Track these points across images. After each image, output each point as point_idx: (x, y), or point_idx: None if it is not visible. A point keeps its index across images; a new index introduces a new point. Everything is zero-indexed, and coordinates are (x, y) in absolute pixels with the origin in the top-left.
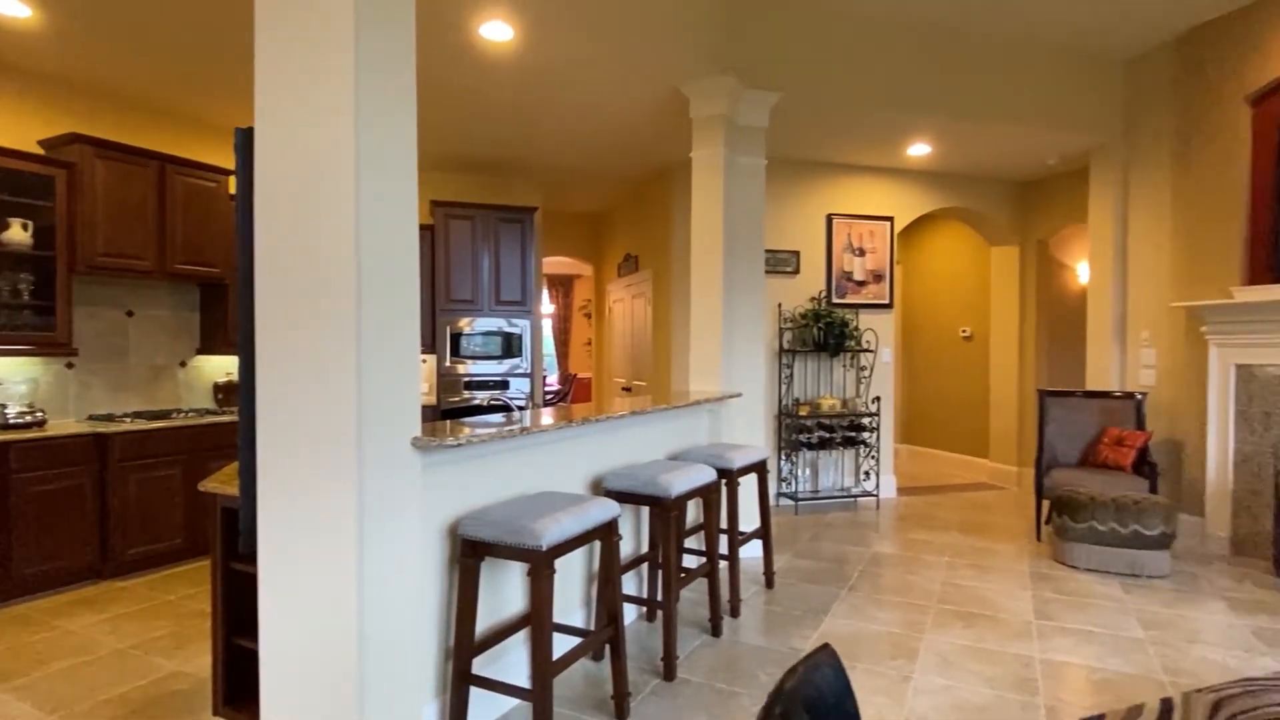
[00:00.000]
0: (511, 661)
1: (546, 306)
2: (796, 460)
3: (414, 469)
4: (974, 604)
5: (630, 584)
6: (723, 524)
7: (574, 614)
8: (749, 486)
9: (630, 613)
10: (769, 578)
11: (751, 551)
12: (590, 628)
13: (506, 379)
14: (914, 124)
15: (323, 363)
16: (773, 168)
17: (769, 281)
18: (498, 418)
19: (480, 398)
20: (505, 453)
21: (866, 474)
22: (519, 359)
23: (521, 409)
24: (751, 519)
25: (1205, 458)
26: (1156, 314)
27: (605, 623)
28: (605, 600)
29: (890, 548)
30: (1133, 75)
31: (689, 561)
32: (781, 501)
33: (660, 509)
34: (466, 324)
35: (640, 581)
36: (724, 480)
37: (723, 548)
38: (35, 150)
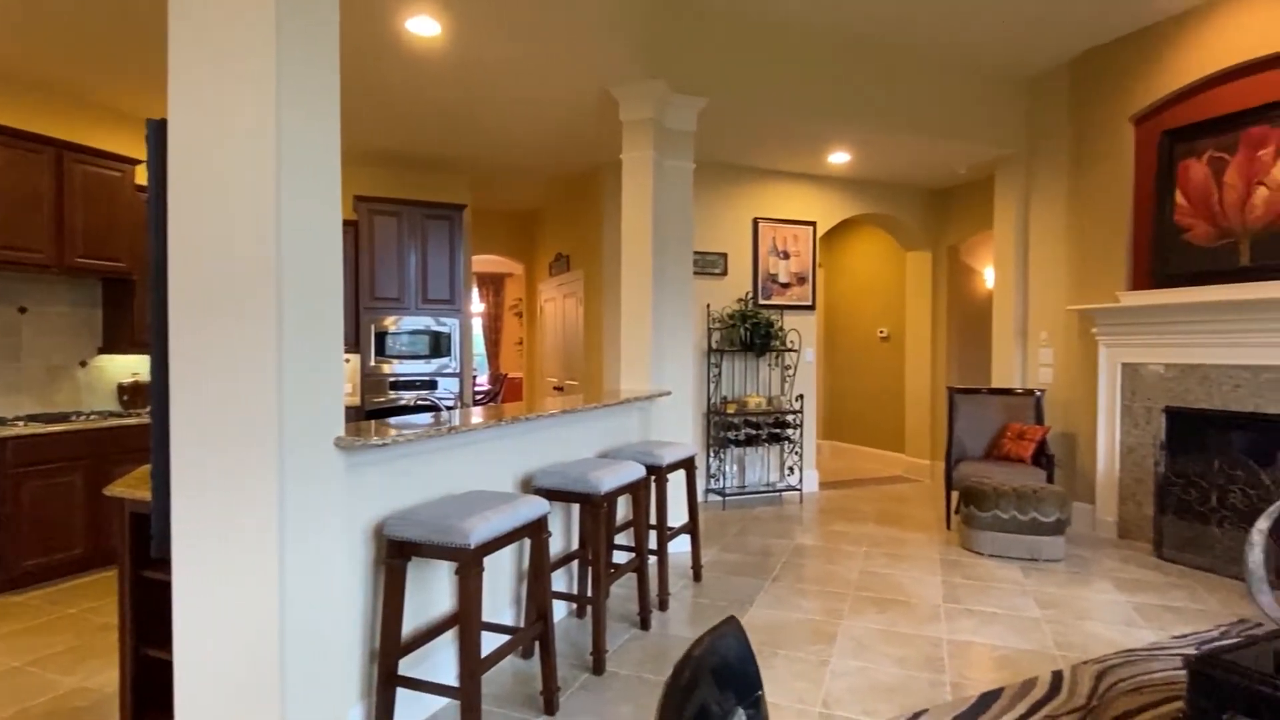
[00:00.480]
0: (440, 661)
1: (476, 305)
2: (724, 457)
3: (337, 470)
4: (888, 590)
5: (561, 581)
6: (652, 520)
7: (504, 613)
8: (678, 483)
9: (560, 609)
10: (697, 571)
11: (680, 546)
12: (520, 625)
13: (435, 379)
14: (833, 132)
15: (241, 361)
16: (701, 171)
17: (698, 282)
18: (426, 418)
19: (407, 398)
20: (433, 452)
21: (791, 469)
22: (447, 358)
23: (450, 409)
24: (680, 514)
25: (1095, 449)
26: (1054, 316)
27: (535, 619)
28: (535, 597)
29: (812, 539)
30: (1034, 92)
31: (619, 557)
32: (710, 497)
33: (590, 506)
34: (392, 322)
35: (571, 578)
36: (653, 477)
37: (652, 543)
38: None
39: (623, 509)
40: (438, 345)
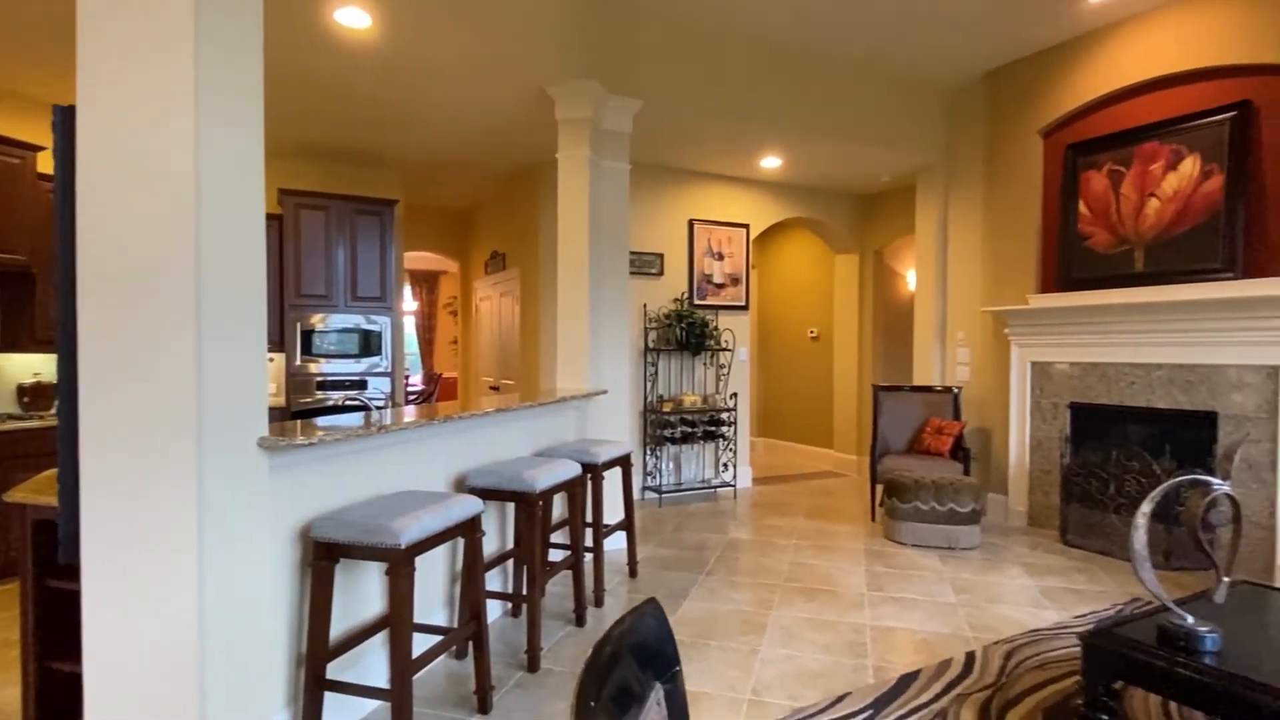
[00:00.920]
0: (371, 664)
1: (409, 303)
2: (661, 454)
3: (260, 471)
4: (816, 581)
5: (496, 580)
6: (588, 517)
7: (436, 614)
8: (614, 480)
9: (495, 609)
10: (633, 567)
11: (616, 543)
12: (454, 626)
13: (364, 378)
14: (764, 137)
15: (158, 359)
16: (638, 172)
17: (634, 282)
18: (356, 417)
19: (335, 398)
20: (363, 452)
21: (725, 466)
22: (378, 357)
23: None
24: (616, 511)
25: (1008, 443)
26: (970, 317)
27: (468, 619)
28: (468, 597)
29: (745, 534)
30: (953, 104)
31: (555, 556)
32: (647, 495)
33: (525, 504)
34: (320, 320)
35: (506, 577)
36: (589, 474)
37: (588, 540)
38: None
39: (559, 507)
40: (368, 344)
